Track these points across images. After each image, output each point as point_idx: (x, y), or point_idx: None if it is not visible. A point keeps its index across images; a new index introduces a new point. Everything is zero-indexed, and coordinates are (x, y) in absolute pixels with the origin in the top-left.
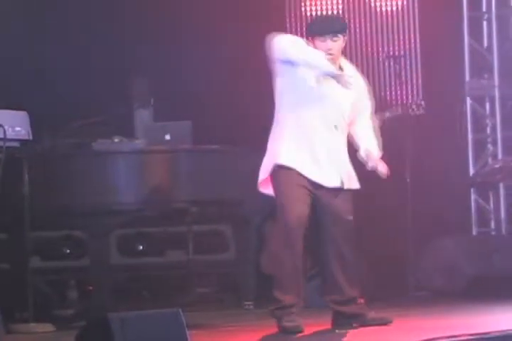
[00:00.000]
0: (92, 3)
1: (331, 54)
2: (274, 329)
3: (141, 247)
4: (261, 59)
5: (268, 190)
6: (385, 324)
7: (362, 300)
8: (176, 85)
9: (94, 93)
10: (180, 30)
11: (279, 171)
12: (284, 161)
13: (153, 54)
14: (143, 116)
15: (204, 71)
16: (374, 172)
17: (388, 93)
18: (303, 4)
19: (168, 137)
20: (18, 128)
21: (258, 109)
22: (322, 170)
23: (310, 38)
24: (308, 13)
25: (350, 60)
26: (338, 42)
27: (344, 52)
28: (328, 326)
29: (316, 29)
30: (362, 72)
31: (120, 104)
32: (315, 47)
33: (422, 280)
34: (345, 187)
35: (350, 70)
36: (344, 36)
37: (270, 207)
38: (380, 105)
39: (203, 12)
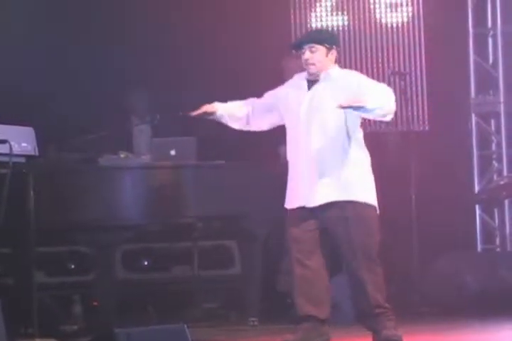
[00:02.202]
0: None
1: (307, 64)
2: None
3: (146, 262)
4: (267, 72)
5: None
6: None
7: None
8: (179, 100)
9: (97, 108)
10: (179, 43)
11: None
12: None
13: (154, 68)
14: (143, 132)
15: (206, 84)
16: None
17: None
18: (309, 20)
19: (173, 152)
20: (24, 144)
21: None
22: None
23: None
24: (314, 28)
25: None
26: (317, 53)
27: (349, 66)
28: None
29: (294, 44)
30: None
31: (122, 119)
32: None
33: (428, 297)
34: (324, 201)
35: (337, 79)
36: (328, 47)
37: (275, 222)
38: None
39: (209, 24)
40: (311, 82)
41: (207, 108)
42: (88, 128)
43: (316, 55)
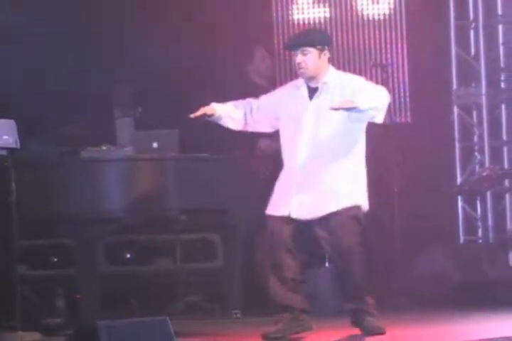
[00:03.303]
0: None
1: (300, 68)
2: (260, 338)
3: (129, 255)
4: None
5: None
6: (379, 334)
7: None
8: (161, 92)
9: (79, 100)
10: (168, 37)
11: None
12: None
13: (141, 59)
14: (125, 125)
15: (187, 79)
16: None
17: None
18: (290, 12)
19: (155, 145)
20: (5, 137)
21: None
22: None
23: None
24: (296, 22)
25: (338, 66)
26: (309, 56)
27: (332, 60)
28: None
29: (287, 45)
30: None
31: (104, 111)
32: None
33: (410, 288)
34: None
35: (335, 87)
36: (320, 49)
37: (258, 216)
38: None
39: (191, 17)
40: (311, 90)
41: (205, 110)
42: (70, 121)
43: (308, 58)
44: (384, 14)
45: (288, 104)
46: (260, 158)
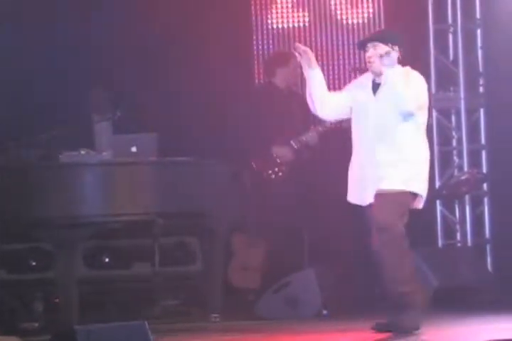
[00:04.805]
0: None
1: (369, 62)
2: None
3: (107, 259)
4: (228, 69)
5: None
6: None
7: None
8: (140, 97)
9: (58, 104)
10: (144, 42)
11: None
12: None
13: (119, 66)
14: (103, 129)
15: (167, 83)
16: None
17: None
18: (269, 17)
19: (134, 149)
20: None
21: (224, 120)
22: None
23: None
24: (275, 26)
25: None
26: (379, 51)
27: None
28: None
29: (358, 42)
30: (327, 84)
31: (83, 115)
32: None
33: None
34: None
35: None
36: (391, 46)
37: (236, 219)
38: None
39: (170, 25)
40: (375, 85)
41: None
42: (49, 125)
43: (378, 53)
44: (363, 18)
45: (356, 98)
46: (272, 160)
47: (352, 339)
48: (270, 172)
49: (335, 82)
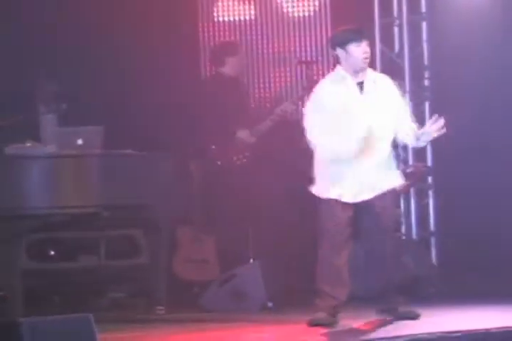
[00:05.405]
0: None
1: (366, 58)
2: (183, 334)
3: (52, 252)
4: (173, 63)
5: None
6: (414, 318)
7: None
8: (87, 88)
9: (3, 96)
10: (88, 33)
11: None
12: None
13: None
14: (49, 121)
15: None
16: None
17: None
18: (215, 10)
19: (80, 142)
20: None
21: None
22: None
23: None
24: (221, 19)
25: (263, 65)
26: (368, 47)
27: (256, 58)
28: None
29: (364, 33)
30: (274, 77)
31: (27, 108)
32: (350, 54)
33: None
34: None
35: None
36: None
37: (181, 211)
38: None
39: (114, 17)
40: (358, 83)
41: None
42: None
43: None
44: (309, 12)
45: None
46: (235, 146)
47: (295, 331)
48: (235, 158)
49: (281, 75)
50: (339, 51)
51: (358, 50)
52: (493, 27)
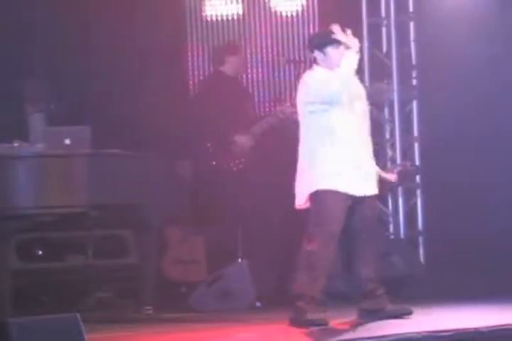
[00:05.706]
0: None
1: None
2: (171, 334)
3: (40, 252)
4: (160, 60)
5: None
6: (408, 314)
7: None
8: (74, 88)
9: None
10: (75, 32)
11: None
12: None
13: (49, 56)
14: (36, 121)
15: (103, 73)
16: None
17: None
18: (203, 8)
19: (68, 141)
20: None
21: (156, 112)
22: None
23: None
24: (209, 18)
25: (251, 64)
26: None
27: (246, 56)
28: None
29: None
30: (262, 76)
31: (15, 108)
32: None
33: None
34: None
35: None
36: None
37: (170, 211)
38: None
39: (102, 14)
40: None
41: None
42: None
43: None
44: (297, 11)
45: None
46: (233, 151)
47: (283, 330)
48: (232, 164)
49: (269, 74)
50: (317, 53)
51: (336, 53)
52: (481, 26)
